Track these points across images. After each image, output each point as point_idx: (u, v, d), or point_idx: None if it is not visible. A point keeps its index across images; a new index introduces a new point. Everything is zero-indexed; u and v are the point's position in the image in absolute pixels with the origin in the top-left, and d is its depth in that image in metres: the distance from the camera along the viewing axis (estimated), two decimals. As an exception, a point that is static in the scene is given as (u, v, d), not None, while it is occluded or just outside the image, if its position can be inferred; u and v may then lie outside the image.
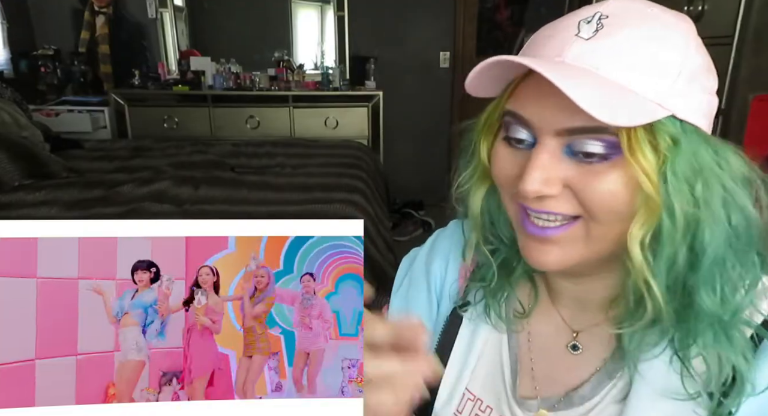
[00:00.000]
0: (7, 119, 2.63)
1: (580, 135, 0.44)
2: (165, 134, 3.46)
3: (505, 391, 0.58)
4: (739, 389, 0.45)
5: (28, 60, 3.64)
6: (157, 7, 3.77)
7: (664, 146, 0.43)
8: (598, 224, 0.46)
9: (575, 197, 0.46)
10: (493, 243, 0.58)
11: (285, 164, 2.74)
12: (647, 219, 0.44)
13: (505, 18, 3.93)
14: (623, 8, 0.45)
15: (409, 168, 3.99)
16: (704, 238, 0.44)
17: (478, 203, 0.56)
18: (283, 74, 3.65)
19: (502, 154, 0.50)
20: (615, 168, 0.44)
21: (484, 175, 0.55)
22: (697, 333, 0.46)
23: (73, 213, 1.95)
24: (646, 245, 0.45)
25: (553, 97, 0.43)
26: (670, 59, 0.44)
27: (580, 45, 0.44)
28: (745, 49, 1.69)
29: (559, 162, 0.46)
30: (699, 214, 0.44)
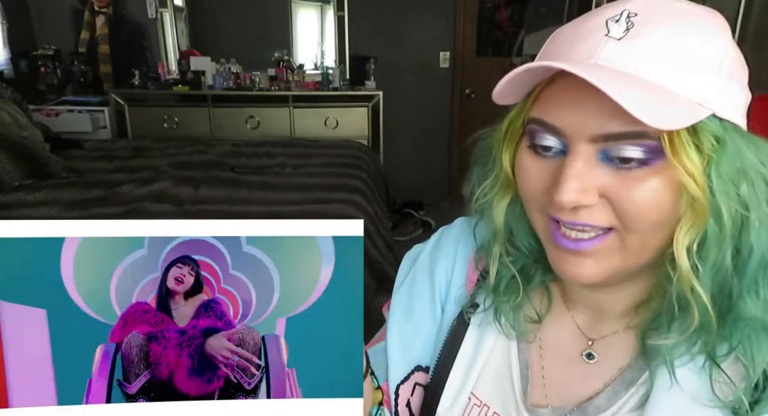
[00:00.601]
0: (7, 119, 2.63)
1: (618, 141, 0.42)
2: (165, 134, 3.46)
3: (515, 398, 0.56)
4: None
5: (28, 60, 3.64)
6: (157, 7, 3.76)
7: (708, 147, 0.42)
8: (634, 234, 0.44)
9: (611, 206, 0.44)
10: (511, 254, 0.56)
11: (285, 164, 2.74)
12: (694, 224, 0.42)
13: (505, 18, 3.93)
14: (651, 4, 0.43)
15: (409, 168, 3.99)
16: (751, 240, 0.43)
17: (501, 215, 0.54)
18: (283, 74, 3.65)
19: (528, 164, 0.48)
20: (656, 173, 0.42)
21: (507, 185, 0.52)
22: (733, 337, 0.44)
23: (73, 213, 1.95)
24: (693, 251, 0.43)
25: (587, 102, 0.42)
26: (708, 56, 0.42)
27: (612, 46, 0.42)
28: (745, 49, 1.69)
29: (594, 169, 0.43)
30: (745, 216, 0.42)
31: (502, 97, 0.47)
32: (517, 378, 0.57)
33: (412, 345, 0.63)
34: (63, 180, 2.36)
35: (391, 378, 0.63)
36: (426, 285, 0.64)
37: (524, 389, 0.56)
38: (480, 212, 0.56)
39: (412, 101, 3.93)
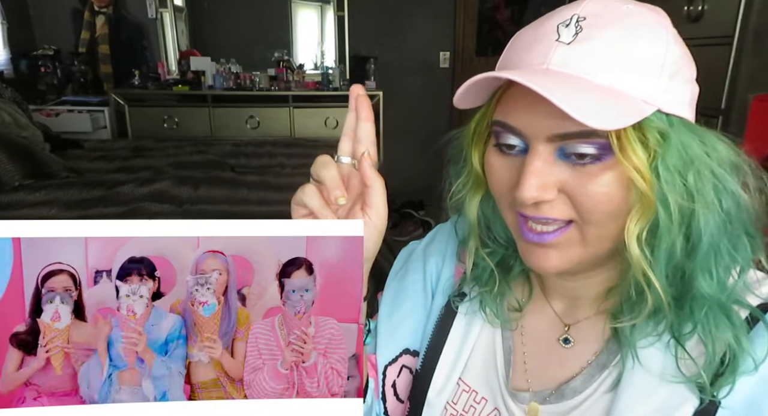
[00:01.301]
0: (7, 119, 2.63)
1: (572, 140, 0.45)
2: (165, 134, 3.46)
3: (499, 383, 0.59)
4: (733, 367, 0.46)
5: (28, 60, 3.64)
6: (157, 7, 3.77)
7: (654, 142, 0.44)
8: (592, 226, 0.47)
9: (569, 200, 0.47)
10: (489, 246, 0.59)
11: (285, 164, 2.74)
12: (643, 215, 0.45)
13: (505, 18, 3.93)
14: (599, 8, 0.46)
15: (409, 168, 3.99)
16: (700, 226, 0.46)
17: (474, 210, 0.57)
18: (283, 74, 3.65)
19: (495, 162, 0.51)
20: (608, 169, 0.45)
21: (478, 182, 0.56)
22: (695, 316, 0.47)
23: (73, 213, 1.95)
24: (643, 240, 0.46)
25: (542, 105, 0.44)
26: (652, 56, 0.45)
27: (562, 50, 0.45)
28: (745, 49, 1.69)
29: (552, 166, 0.46)
30: (693, 204, 0.45)
31: (462, 103, 0.50)
32: (501, 364, 0.60)
33: (402, 329, 0.66)
34: (63, 180, 2.36)
35: (379, 359, 0.66)
36: (419, 276, 0.67)
37: (507, 374, 0.59)
38: (456, 208, 0.60)
39: (412, 101, 3.93)
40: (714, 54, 1.77)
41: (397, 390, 0.65)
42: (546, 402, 0.56)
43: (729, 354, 0.46)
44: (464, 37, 3.86)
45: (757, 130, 1.69)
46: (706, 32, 1.81)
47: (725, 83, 1.76)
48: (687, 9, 1.90)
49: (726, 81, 1.75)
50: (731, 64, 1.74)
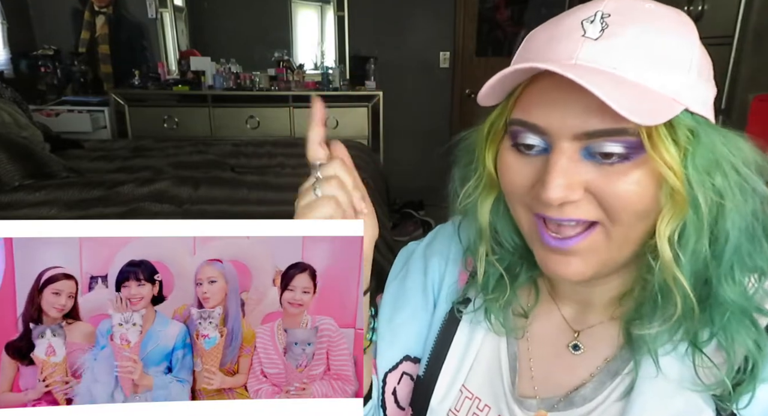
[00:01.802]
0: (7, 119, 2.63)
1: (600, 138, 0.43)
2: (165, 134, 3.46)
3: (504, 390, 0.57)
4: (753, 375, 0.44)
5: (28, 60, 3.64)
6: (157, 7, 3.76)
7: (684, 140, 0.43)
8: (619, 226, 0.46)
9: (596, 200, 0.45)
10: (497, 252, 0.57)
11: (285, 164, 2.74)
12: (675, 214, 0.44)
13: (505, 18, 3.93)
14: (622, 6, 0.45)
15: (409, 168, 3.99)
16: (726, 228, 0.44)
17: (486, 215, 0.55)
18: (283, 74, 3.65)
19: (511, 162, 0.49)
20: (636, 167, 0.44)
21: (491, 185, 0.54)
22: (714, 323, 0.46)
23: (73, 213, 1.95)
24: (674, 241, 0.45)
25: (568, 101, 0.43)
26: (679, 54, 0.44)
27: (590, 46, 0.44)
28: (745, 49, 1.69)
29: (577, 165, 0.45)
30: (721, 204, 0.44)
31: (486, 99, 0.49)
32: (506, 371, 0.58)
33: (403, 335, 0.64)
34: (63, 180, 2.36)
35: (379, 366, 0.64)
36: (419, 279, 0.66)
37: (513, 381, 0.58)
38: (465, 212, 0.58)
39: (412, 101, 3.93)
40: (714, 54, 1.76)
41: (397, 398, 0.64)
42: (554, 410, 0.54)
43: (750, 361, 0.45)
44: (464, 37, 3.86)
45: (757, 130, 1.69)
46: (706, 32, 1.80)
47: (725, 83, 1.75)
48: (687, 9, 1.90)
49: (726, 81, 1.75)
50: (731, 64, 1.73)
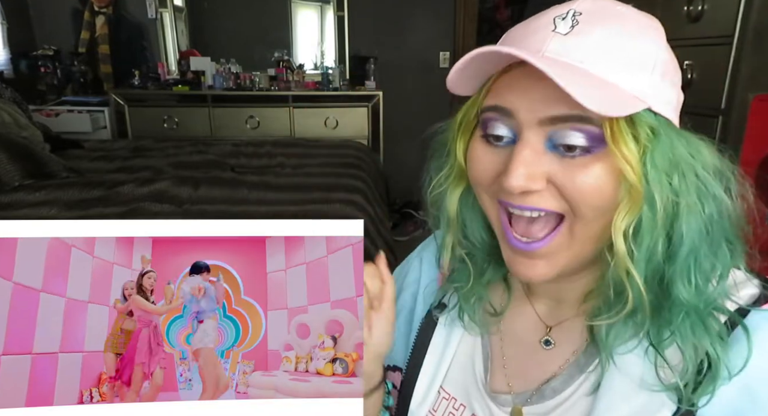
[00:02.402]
0: (7, 119, 2.63)
1: (564, 124, 0.45)
2: (165, 134, 3.46)
3: (477, 387, 0.59)
4: (713, 375, 0.45)
5: (28, 60, 3.64)
6: (157, 7, 3.76)
7: (645, 137, 0.45)
8: (582, 220, 0.47)
9: (559, 192, 0.47)
10: (466, 247, 0.59)
11: (285, 164, 2.74)
12: (630, 210, 0.45)
13: (505, 18, 3.93)
14: (595, 6, 0.47)
15: (409, 168, 3.98)
16: (682, 229, 0.45)
17: (454, 204, 0.57)
18: (283, 74, 3.65)
19: (480, 152, 0.51)
20: (597, 161, 0.45)
21: (460, 175, 0.55)
22: (672, 323, 0.47)
23: (73, 213, 1.95)
24: (629, 235, 0.46)
25: (536, 88, 0.45)
26: (645, 54, 0.45)
27: (559, 40, 0.45)
28: (745, 49, 1.69)
29: (541, 157, 0.46)
30: (677, 205, 0.45)
31: (456, 86, 0.50)
32: (479, 368, 0.60)
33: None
34: (63, 180, 2.36)
35: None
36: (408, 294, 0.68)
37: (485, 378, 0.59)
38: (435, 203, 0.59)
39: (412, 101, 3.93)
40: (714, 54, 1.77)
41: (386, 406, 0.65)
42: (527, 404, 0.55)
43: (706, 362, 0.45)
44: (464, 37, 3.86)
45: (757, 130, 1.69)
46: (706, 32, 1.81)
47: (725, 83, 1.75)
48: (687, 9, 1.90)
49: (726, 81, 1.75)
50: (731, 64, 1.73)
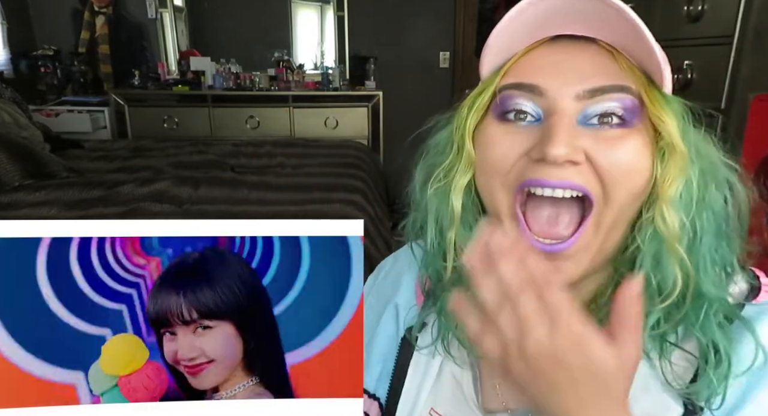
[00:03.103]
0: (7, 119, 2.63)
1: (603, 95, 0.43)
2: (165, 134, 3.46)
3: (469, 406, 0.55)
4: (725, 373, 0.43)
5: (28, 60, 3.64)
6: (157, 7, 3.76)
7: (678, 111, 0.44)
8: (611, 206, 0.44)
9: (595, 170, 0.44)
10: (465, 244, 0.51)
11: (285, 164, 2.74)
12: (676, 174, 0.43)
13: (505, 18, 3.93)
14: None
15: (409, 168, 3.98)
16: (703, 216, 0.44)
17: (459, 197, 0.50)
18: (283, 74, 3.65)
19: (497, 134, 0.47)
20: (633, 134, 0.44)
21: (468, 165, 0.50)
22: (693, 317, 0.45)
23: (73, 213, 1.95)
24: (679, 201, 0.43)
25: (570, 62, 0.44)
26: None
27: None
28: (745, 49, 1.69)
29: (577, 132, 0.43)
30: (702, 187, 0.44)
31: (490, 51, 0.47)
32: (468, 388, 0.56)
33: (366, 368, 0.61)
34: (63, 180, 2.36)
35: None
36: (383, 314, 0.62)
37: (477, 397, 0.55)
38: (433, 200, 0.53)
39: (412, 101, 3.93)
40: (714, 54, 1.77)
41: None
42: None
43: (719, 358, 0.44)
44: (464, 37, 3.86)
45: (757, 130, 1.69)
46: (706, 32, 1.81)
47: (725, 83, 1.75)
48: (687, 9, 1.89)
49: (726, 81, 1.75)
50: (731, 64, 1.73)
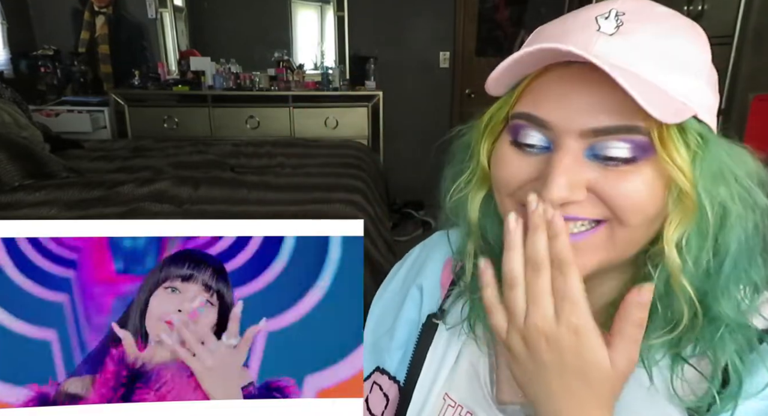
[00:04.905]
0: (7, 119, 2.63)
1: (608, 136, 0.42)
2: (165, 134, 3.46)
3: (484, 397, 0.56)
4: (735, 392, 0.43)
5: (28, 60, 3.64)
6: (157, 7, 3.76)
7: (695, 144, 0.42)
8: (626, 227, 0.44)
9: (600, 200, 0.44)
10: (485, 252, 0.55)
11: (285, 164, 2.74)
12: (683, 219, 0.43)
13: (505, 18, 3.93)
14: (637, 6, 0.44)
15: (409, 168, 3.99)
16: (727, 240, 0.43)
17: (476, 210, 0.53)
18: (283, 74, 3.65)
19: (508, 157, 0.47)
20: (643, 168, 0.42)
21: (483, 180, 0.52)
22: (706, 337, 0.44)
23: (73, 213, 1.95)
24: (683, 247, 0.43)
25: (577, 95, 0.42)
26: (693, 59, 0.43)
27: (605, 40, 0.42)
28: (745, 49, 1.69)
29: (582, 166, 0.43)
30: (724, 215, 0.43)
31: (495, 85, 0.47)
32: (485, 378, 0.57)
33: (379, 348, 0.63)
34: (63, 180, 2.36)
35: None
36: (399, 298, 0.65)
37: (491, 387, 0.56)
38: (454, 208, 0.55)
39: (412, 101, 3.93)
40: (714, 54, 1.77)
41: (369, 406, 0.63)
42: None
43: (733, 377, 0.44)
44: (464, 37, 3.86)
45: (757, 130, 1.69)
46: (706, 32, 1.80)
47: (725, 83, 1.75)
48: (687, 9, 1.89)
49: (726, 81, 1.75)
50: (731, 64, 1.73)
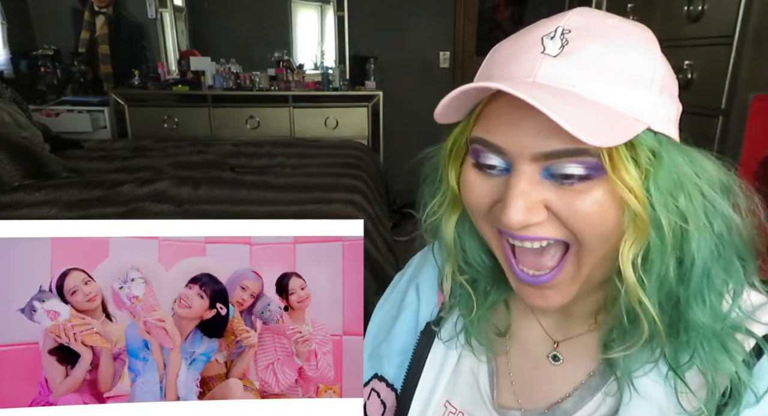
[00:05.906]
0: (7, 119, 2.63)
1: (559, 159, 0.42)
2: (165, 134, 3.46)
3: (483, 401, 0.57)
4: (736, 399, 0.44)
5: (28, 60, 3.64)
6: (157, 7, 3.76)
7: (646, 161, 0.42)
8: (587, 247, 0.45)
9: (559, 220, 0.44)
10: (465, 271, 0.56)
11: (285, 164, 2.74)
12: (637, 237, 0.43)
13: (505, 18, 3.93)
14: (584, 21, 0.44)
15: (409, 168, 3.98)
16: (692, 250, 0.43)
17: (451, 232, 0.54)
18: (283, 74, 3.65)
19: (473, 180, 0.48)
20: (597, 186, 0.43)
21: (455, 202, 0.53)
22: (690, 346, 0.45)
23: (73, 213, 1.95)
24: (638, 264, 0.44)
25: (526, 121, 0.42)
26: (640, 70, 0.43)
27: (549, 63, 0.43)
28: (745, 49, 1.69)
29: (538, 186, 0.44)
30: (685, 226, 0.43)
31: (444, 117, 0.47)
32: (484, 382, 0.57)
33: (384, 355, 0.64)
34: (63, 180, 2.36)
35: None
36: (397, 308, 0.66)
37: (492, 393, 0.57)
38: (431, 231, 0.57)
39: (412, 101, 3.93)
40: (714, 54, 1.77)
41: (367, 412, 0.63)
42: None
43: (731, 386, 0.44)
44: (464, 37, 3.86)
45: (757, 130, 1.69)
46: (706, 32, 1.81)
47: (725, 83, 1.75)
48: (687, 9, 1.89)
49: (726, 81, 1.75)
50: (731, 64, 1.73)
